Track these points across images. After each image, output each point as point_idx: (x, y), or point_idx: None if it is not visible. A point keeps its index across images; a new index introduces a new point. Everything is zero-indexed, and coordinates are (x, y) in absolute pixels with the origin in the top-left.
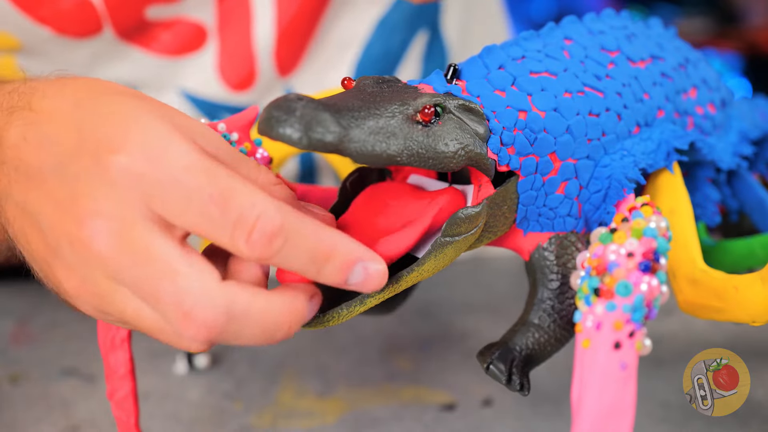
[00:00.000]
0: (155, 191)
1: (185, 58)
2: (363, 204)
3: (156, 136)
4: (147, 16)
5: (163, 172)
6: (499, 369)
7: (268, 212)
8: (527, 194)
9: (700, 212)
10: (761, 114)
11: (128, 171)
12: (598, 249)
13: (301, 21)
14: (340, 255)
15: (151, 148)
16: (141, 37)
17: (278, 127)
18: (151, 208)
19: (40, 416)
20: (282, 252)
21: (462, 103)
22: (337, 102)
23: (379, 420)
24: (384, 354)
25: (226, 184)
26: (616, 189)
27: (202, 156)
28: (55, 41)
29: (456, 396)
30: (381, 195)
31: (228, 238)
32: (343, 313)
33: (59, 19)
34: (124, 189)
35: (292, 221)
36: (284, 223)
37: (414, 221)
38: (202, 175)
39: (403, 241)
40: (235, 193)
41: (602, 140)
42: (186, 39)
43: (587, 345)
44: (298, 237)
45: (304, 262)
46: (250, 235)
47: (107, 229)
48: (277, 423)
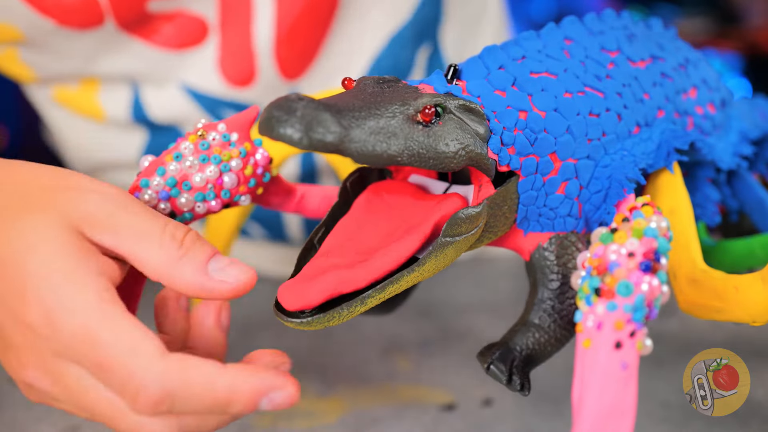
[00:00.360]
0: (60, 350)
1: (186, 51)
2: (364, 205)
3: (51, 296)
4: (149, 8)
5: (58, 339)
6: (499, 369)
7: (147, 385)
8: (527, 194)
9: (700, 212)
10: (761, 114)
11: (34, 331)
12: (599, 249)
13: (305, 25)
14: (241, 397)
15: (48, 311)
16: (142, 29)
17: (279, 127)
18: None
19: (40, 416)
20: (175, 409)
21: (462, 104)
22: (338, 102)
23: (379, 420)
24: (384, 354)
25: (107, 353)
26: (617, 189)
27: (93, 311)
28: (58, 33)
29: (456, 396)
30: (383, 195)
31: (120, 397)
32: (344, 313)
33: (62, 11)
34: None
35: (177, 385)
36: (165, 392)
37: (413, 228)
38: (87, 344)
39: (401, 251)
40: (115, 364)
41: (602, 140)
42: (187, 33)
43: (588, 345)
44: (187, 397)
45: (204, 412)
46: (136, 402)
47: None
48: (277, 423)
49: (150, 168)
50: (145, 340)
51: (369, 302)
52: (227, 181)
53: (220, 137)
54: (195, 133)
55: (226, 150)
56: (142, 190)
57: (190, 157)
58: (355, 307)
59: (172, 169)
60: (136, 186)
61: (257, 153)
